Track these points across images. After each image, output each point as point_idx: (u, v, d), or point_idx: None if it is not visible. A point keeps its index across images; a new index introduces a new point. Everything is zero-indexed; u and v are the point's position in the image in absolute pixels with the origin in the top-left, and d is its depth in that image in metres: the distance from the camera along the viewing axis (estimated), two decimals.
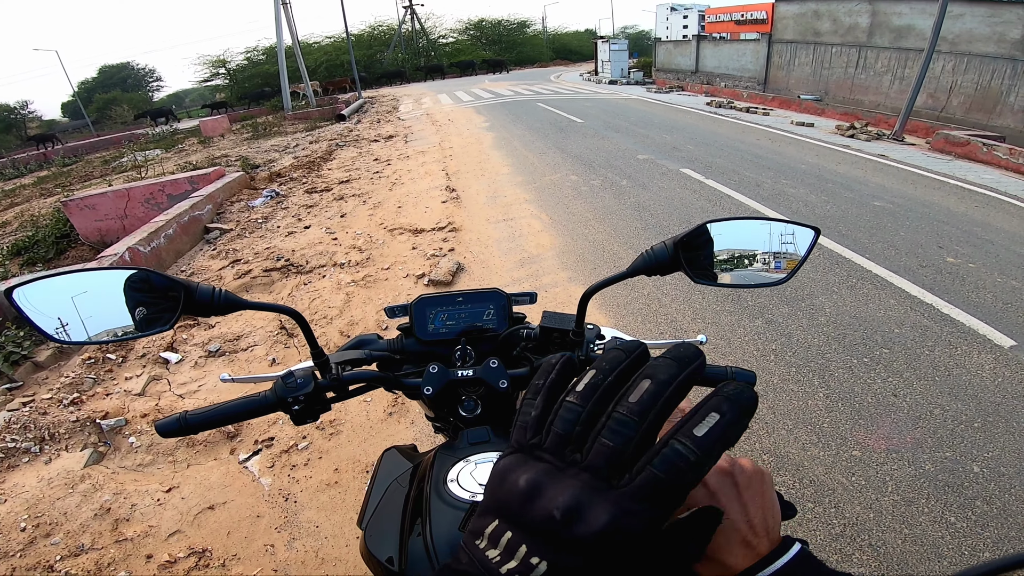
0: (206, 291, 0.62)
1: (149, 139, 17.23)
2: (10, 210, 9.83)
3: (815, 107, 11.96)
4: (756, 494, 0.41)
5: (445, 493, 0.56)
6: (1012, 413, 2.38)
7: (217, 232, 5.36)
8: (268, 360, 3.05)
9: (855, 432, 2.31)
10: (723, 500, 0.40)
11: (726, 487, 0.41)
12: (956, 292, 3.42)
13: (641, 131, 9.60)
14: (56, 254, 5.77)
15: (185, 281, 0.61)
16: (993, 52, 9.65)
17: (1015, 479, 2.04)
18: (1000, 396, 2.49)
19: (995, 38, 9.56)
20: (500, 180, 6.60)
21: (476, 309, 0.81)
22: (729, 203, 5.28)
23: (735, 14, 16.61)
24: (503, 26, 45.83)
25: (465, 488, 0.57)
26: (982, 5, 9.61)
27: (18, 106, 39.69)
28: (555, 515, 0.27)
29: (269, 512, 2.07)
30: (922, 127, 9.26)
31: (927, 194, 5.60)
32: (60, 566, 1.85)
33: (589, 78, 24.90)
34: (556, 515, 0.27)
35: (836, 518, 1.93)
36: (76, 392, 2.84)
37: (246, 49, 39.06)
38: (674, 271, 0.66)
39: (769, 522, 0.41)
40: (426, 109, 15.90)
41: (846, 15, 12.61)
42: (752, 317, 3.21)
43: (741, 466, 0.43)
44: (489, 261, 4.21)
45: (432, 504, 0.56)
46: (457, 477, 0.58)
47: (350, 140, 10.91)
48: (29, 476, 2.26)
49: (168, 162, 10.75)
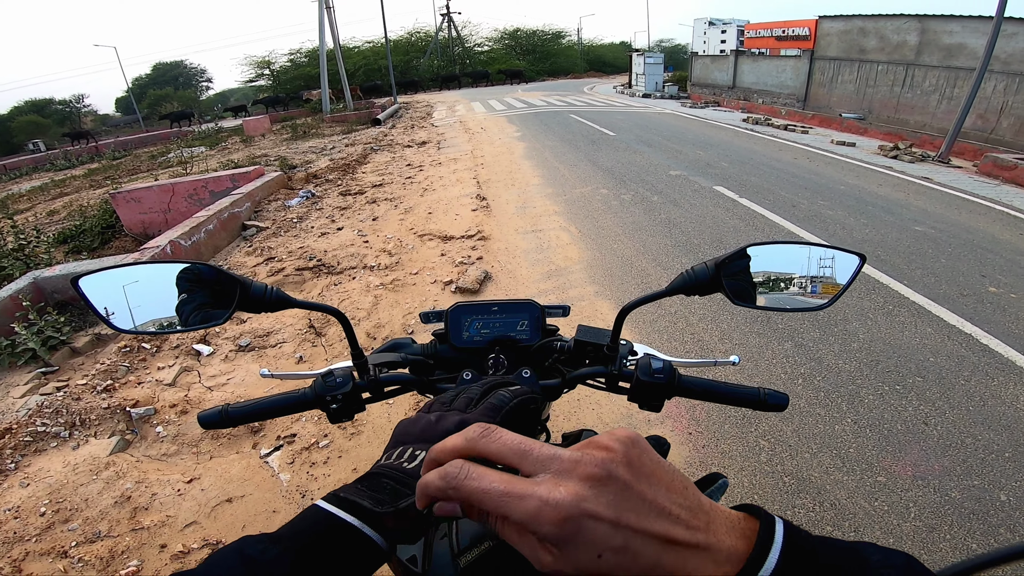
0: (259, 288, 0.65)
1: (195, 136, 17.89)
2: (60, 199, 10.31)
3: (857, 126, 11.67)
4: (648, 477, 0.31)
5: None
6: None
7: (254, 229, 5.52)
8: (296, 357, 3.11)
9: (882, 458, 2.26)
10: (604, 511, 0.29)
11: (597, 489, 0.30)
12: (996, 323, 3.29)
13: (674, 146, 9.52)
14: (101, 244, 6.02)
15: (240, 277, 0.63)
16: None
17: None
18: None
19: None
20: (530, 190, 6.63)
21: (510, 319, 0.82)
22: (763, 223, 5.18)
23: (776, 30, 16.39)
24: (538, 36, 46.14)
25: None
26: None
27: (73, 100, 41.70)
28: (439, 428, 0.46)
29: (285, 508, 2.10)
30: (969, 149, 8.93)
31: (971, 220, 5.39)
32: (74, 552, 1.89)
33: (623, 91, 24.85)
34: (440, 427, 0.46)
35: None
36: (110, 379, 2.93)
37: (290, 51, 40.22)
38: (714, 292, 0.65)
39: (693, 503, 0.31)
40: (459, 116, 16.11)
41: (894, 33, 12.33)
42: (781, 340, 3.14)
43: (611, 448, 0.31)
44: (516, 271, 4.23)
45: None
46: None
47: (384, 144, 11.13)
48: (55, 461, 2.33)
49: (211, 159, 11.15)
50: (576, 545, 0.29)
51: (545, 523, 0.29)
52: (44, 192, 11.80)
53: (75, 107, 41.62)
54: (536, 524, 0.29)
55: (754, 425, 2.46)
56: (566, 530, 0.28)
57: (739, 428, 2.45)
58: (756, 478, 2.17)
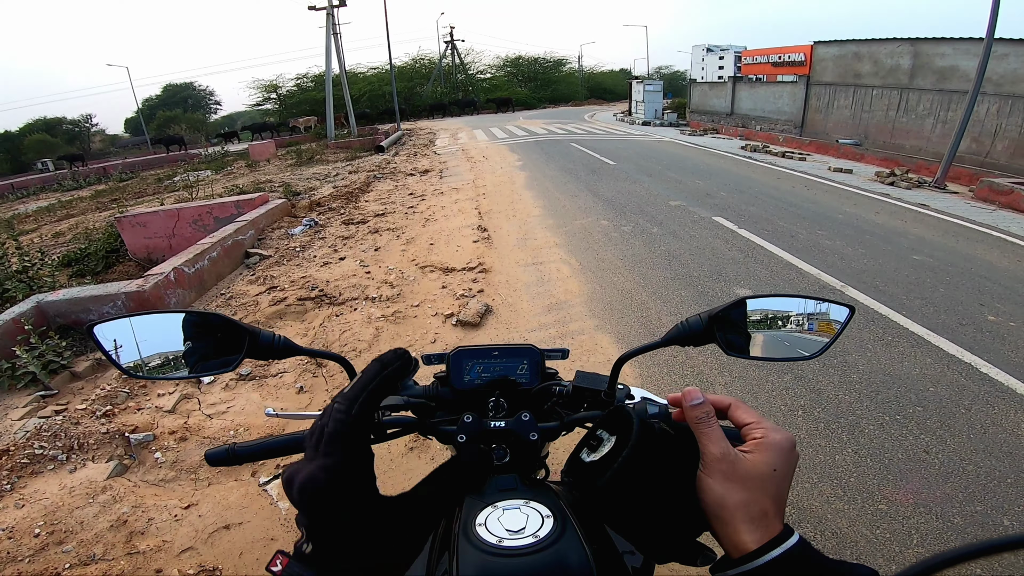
0: (267, 336, 0.67)
1: (201, 160, 18.16)
2: (66, 221, 10.42)
3: (854, 152, 11.80)
4: (791, 472, 0.48)
5: (473, 536, 0.59)
6: None
7: (257, 257, 5.56)
8: (296, 387, 3.12)
9: (883, 487, 2.27)
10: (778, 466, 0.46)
11: (784, 455, 0.47)
12: (996, 351, 3.31)
13: (673, 175, 9.64)
14: (104, 268, 6.06)
15: (249, 326, 0.66)
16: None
17: None
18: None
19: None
20: (531, 222, 6.69)
21: (510, 363, 0.83)
22: (762, 254, 5.22)
23: (772, 56, 16.67)
24: (540, 63, 47.13)
25: (492, 532, 0.59)
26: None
27: (82, 119, 42.36)
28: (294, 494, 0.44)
29: (283, 536, 2.09)
30: (965, 174, 9.01)
31: (969, 247, 5.44)
32: (68, 573, 1.88)
33: (623, 118, 25.24)
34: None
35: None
36: (109, 404, 2.93)
37: (297, 75, 41.00)
38: (707, 343, 0.68)
39: (784, 506, 0.47)
40: (462, 144, 16.34)
41: (887, 56, 12.49)
42: (781, 373, 3.14)
43: (792, 443, 0.48)
44: (517, 305, 4.25)
45: (460, 545, 0.58)
46: (485, 521, 0.60)
47: (387, 172, 11.28)
48: (52, 483, 2.33)
49: (217, 184, 11.29)
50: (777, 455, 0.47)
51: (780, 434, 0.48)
52: (50, 213, 11.93)
53: (84, 127, 42.25)
54: (774, 432, 0.48)
55: None
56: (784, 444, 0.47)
57: None
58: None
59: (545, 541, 0.57)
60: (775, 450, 0.46)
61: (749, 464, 0.46)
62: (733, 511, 0.45)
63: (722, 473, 0.46)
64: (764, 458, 0.46)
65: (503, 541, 0.57)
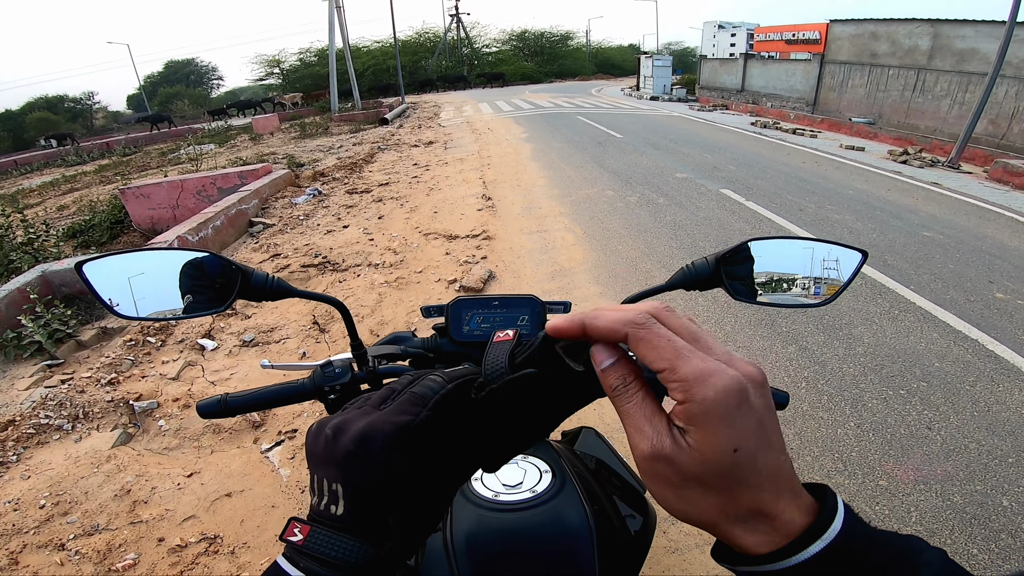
0: (260, 277, 0.65)
1: (204, 133, 18.03)
2: (70, 194, 10.42)
3: (867, 130, 11.59)
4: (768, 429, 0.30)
5: (469, 491, 0.57)
6: None
7: (260, 226, 5.55)
8: (299, 353, 3.12)
9: (884, 462, 2.25)
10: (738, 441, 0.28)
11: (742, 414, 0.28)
12: (1003, 328, 3.27)
13: (681, 149, 9.49)
14: (109, 239, 6.08)
15: (242, 266, 0.63)
16: None
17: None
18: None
19: None
20: (536, 191, 6.63)
21: (511, 314, 0.81)
22: (769, 226, 5.16)
23: (786, 33, 16.32)
24: (546, 38, 46.20)
25: (488, 487, 0.57)
26: None
27: (83, 97, 42.04)
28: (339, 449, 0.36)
29: (284, 503, 2.11)
30: (980, 155, 8.85)
31: (980, 226, 5.35)
32: (72, 545, 1.90)
33: (630, 93, 24.80)
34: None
35: None
36: (114, 372, 2.95)
37: (300, 50, 40.43)
38: (714, 287, 0.65)
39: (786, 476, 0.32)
40: (467, 117, 16.14)
41: (906, 37, 12.26)
42: (785, 343, 3.12)
43: (745, 385, 0.29)
44: (521, 271, 4.23)
45: (455, 501, 0.56)
46: (482, 476, 0.59)
47: (392, 144, 11.17)
48: (57, 453, 2.35)
49: (221, 156, 11.22)
50: (726, 425, 0.27)
51: (712, 387, 0.27)
52: (55, 187, 11.91)
53: (86, 104, 41.96)
54: (702, 384, 0.27)
55: None
56: (728, 401, 0.27)
57: None
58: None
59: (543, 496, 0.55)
60: (720, 417, 0.27)
61: (693, 458, 0.28)
62: (710, 523, 0.30)
63: (664, 479, 0.30)
64: (708, 440, 0.27)
65: (499, 496, 0.56)
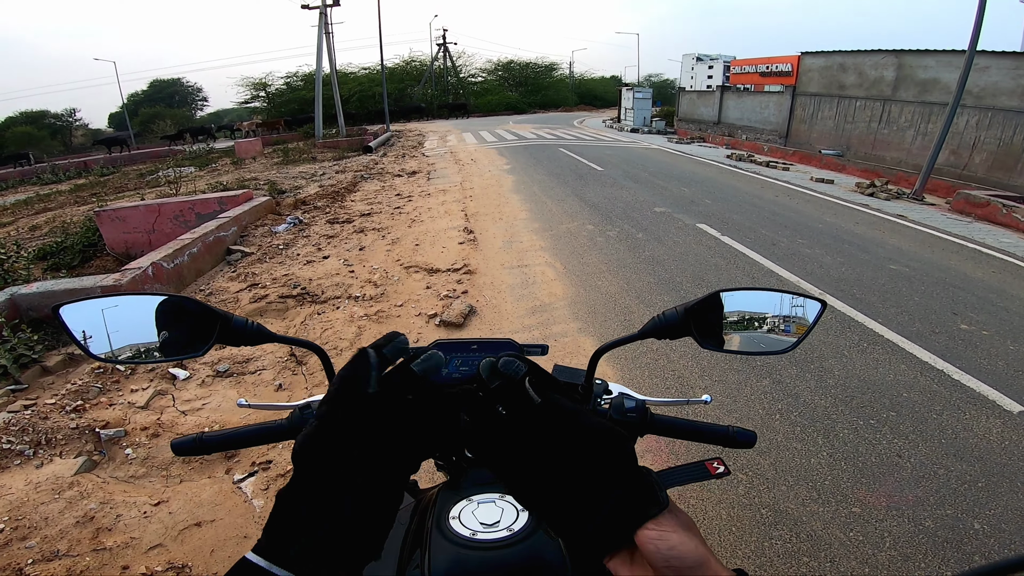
0: (240, 321, 0.65)
1: (185, 156, 17.90)
2: (43, 214, 10.20)
3: (836, 162, 12.01)
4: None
5: (447, 529, 0.58)
6: (1017, 473, 2.40)
7: (239, 254, 5.50)
8: (275, 385, 3.08)
9: (856, 490, 2.31)
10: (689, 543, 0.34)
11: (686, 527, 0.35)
12: (968, 359, 3.39)
13: (660, 182, 9.73)
14: (81, 262, 5.95)
15: (222, 311, 0.64)
16: (1016, 106, 9.52)
17: (1015, 535, 2.05)
18: (1006, 458, 2.51)
19: (1019, 92, 9.45)
20: (517, 225, 6.70)
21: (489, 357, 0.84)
22: (743, 261, 5.29)
23: (760, 66, 16.93)
24: (531, 68, 47.32)
25: (467, 526, 0.58)
26: (1008, 58, 9.57)
27: (65, 114, 41.54)
28: None
29: (257, 533, 2.04)
30: (943, 186, 9.21)
31: (944, 258, 5.57)
32: (30, 570, 1.84)
33: (611, 125, 25.44)
34: None
35: (831, 572, 1.92)
36: (80, 399, 2.87)
37: (287, 74, 40.66)
38: (683, 336, 0.67)
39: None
40: (450, 147, 16.33)
41: (872, 68, 12.66)
42: (760, 377, 3.18)
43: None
44: (501, 306, 4.25)
45: (433, 539, 0.57)
46: (459, 515, 0.60)
47: (375, 173, 11.23)
48: (17, 479, 2.28)
49: (200, 180, 11.14)
50: None
51: None
52: (28, 206, 11.67)
53: (67, 121, 41.44)
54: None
55: (732, 459, 2.48)
56: None
57: None
58: (734, 511, 2.19)
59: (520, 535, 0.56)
60: None
61: None
62: None
63: None
64: None
65: (476, 534, 0.57)
